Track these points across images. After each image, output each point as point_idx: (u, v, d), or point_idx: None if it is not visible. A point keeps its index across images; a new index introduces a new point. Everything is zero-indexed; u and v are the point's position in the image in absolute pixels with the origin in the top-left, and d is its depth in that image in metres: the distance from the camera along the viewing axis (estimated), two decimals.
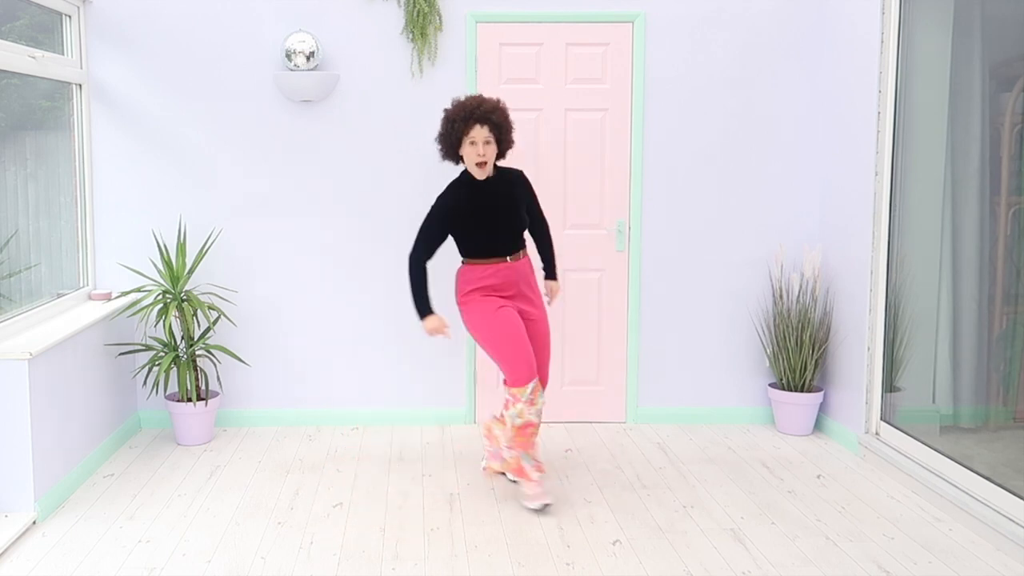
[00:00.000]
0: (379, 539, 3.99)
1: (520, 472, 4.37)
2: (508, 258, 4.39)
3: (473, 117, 4.25)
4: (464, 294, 4.41)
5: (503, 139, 4.36)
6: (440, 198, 4.40)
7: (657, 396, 5.66)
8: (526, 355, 4.25)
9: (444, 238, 4.41)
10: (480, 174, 4.34)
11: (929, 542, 3.96)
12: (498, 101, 4.37)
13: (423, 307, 4.38)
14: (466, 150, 4.30)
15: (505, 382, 4.33)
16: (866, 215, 5.01)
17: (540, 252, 4.70)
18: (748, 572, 3.68)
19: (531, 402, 4.24)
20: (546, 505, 4.27)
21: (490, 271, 4.36)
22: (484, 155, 4.28)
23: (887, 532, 4.06)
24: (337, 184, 5.46)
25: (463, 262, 4.45)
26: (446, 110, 4.36)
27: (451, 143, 4.34)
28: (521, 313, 4.42)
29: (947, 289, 4.67)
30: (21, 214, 4.98)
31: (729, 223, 5.58)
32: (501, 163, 4.53)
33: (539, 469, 4.37)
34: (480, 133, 4.26)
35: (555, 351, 5.59)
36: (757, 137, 5.54)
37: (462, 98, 4.39)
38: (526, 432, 4.31)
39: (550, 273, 4.72)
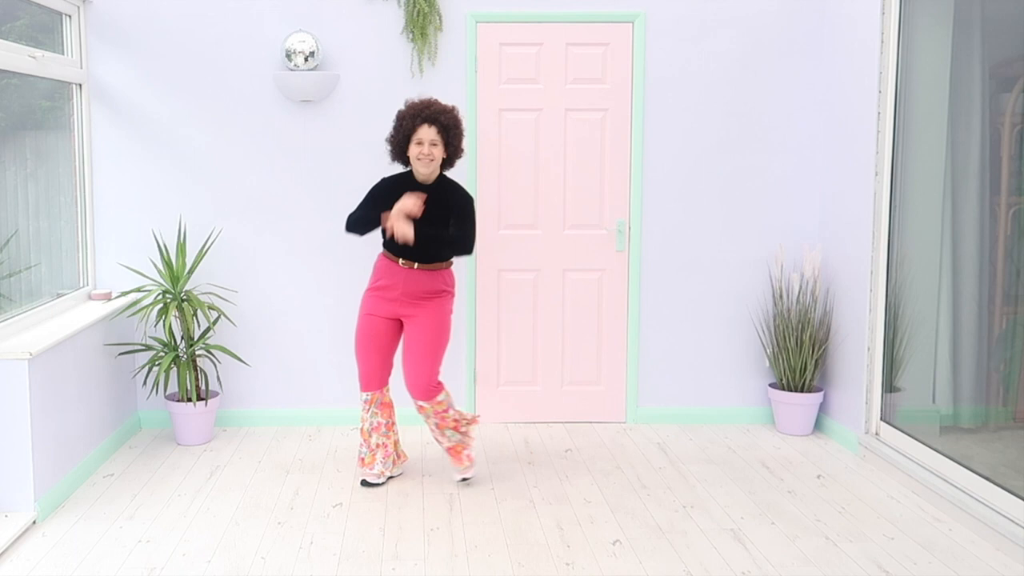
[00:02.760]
0: (379, 539, 3.99)
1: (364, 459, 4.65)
2: (416, 264, 4.39)
3: (422, 116, 4.28)
4: (368, 287, 4.55)
5: (451, 143, 4.37)
6: (381, 179, 4.50)
7: (657, 396, 5.66)
8: (367, 368, 4.52)
9: (373, 212, 4.41)
10: (423, 171, 4.34)
11: (929, 542, 3.96)
12: (452, 107, 4.41)
13: (373, 217, 4.37)
14: (412, 149, 4.31)
15: None
16: (866, 215, 5.01)
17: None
18: (748, 572, 3.68)
19: (365, 409, 4.60)
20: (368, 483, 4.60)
21: (390, 270, 4.41)
22: (430, 154, 4.29)
23: (887, 532, 4.06)
24: (337, 184, 5.46)
25: (381, 251, 4.53)
26: (399, 110, 4.41)
27: (399, 141, 4.36)
28: (403, 317, 4.46)
29: (947, 289, 4.67)
30: (21, 214, 4.98)
31: (729, 223, 5.58)
32: (452, 177, 4.53)
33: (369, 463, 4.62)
34: (427, 133, 4.28)
35: (556, 351, 5.59)
36: (757, 137, 5.54)
37: (415, 99, 4.43)
38: (367, 442, 4.63)
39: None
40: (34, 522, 4.11)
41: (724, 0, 5.45)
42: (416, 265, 4.38)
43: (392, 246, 4.39)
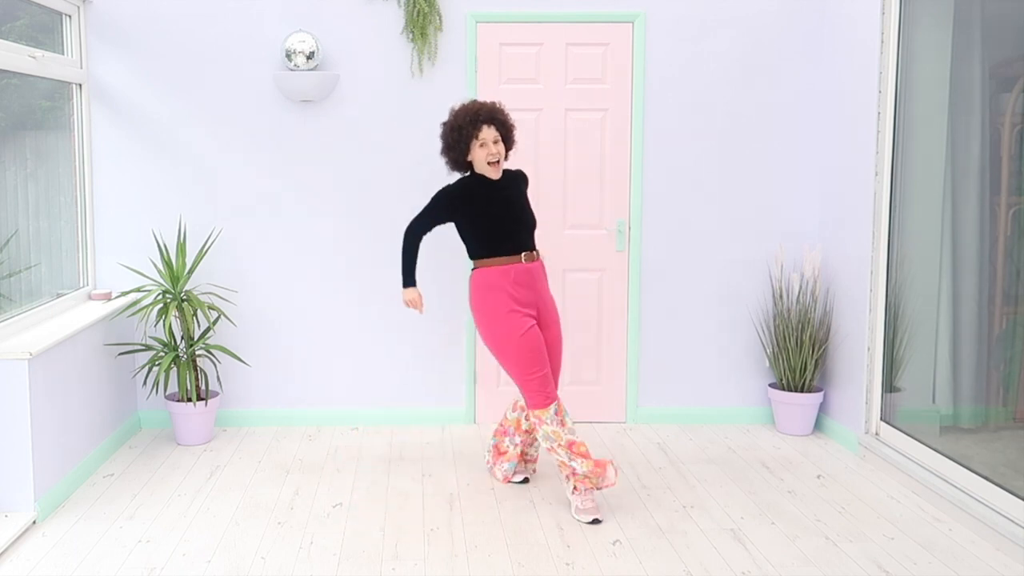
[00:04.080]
0: (379, 539, 3.99)
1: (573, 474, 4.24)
2: (523, 257, 4.33)
3: (479, 118, 4.28)
4: (484, 300, 4.30)
5: (508, 138, 4.39)
6: (449, 186, 4.41)
7: (657, 396, 5.66)
8: (547, 378, 4.25)
9: (445, 220, 4.40)
10: (494, 174, 4.35)
11: (929, 542, 3.96)
12: (496, 103, 4.40)
13: (408, 277, 4.43)
14: (476, 153, 4.30)
15: (527, 405, 4.29)
16: (866, 215, 5.01)
17: None
18: (748, 572, 3.68)
19: (562, 423, 4.23)
20: (596, 520, 4.16)
21: (508, 274, 4.29)
22: (496, 154, 4.30)
23: (887, 532, 4.06)
24: (337, 184, 5.46)
25: (475, 266, 4.36)
26: (446, 123, 4.36)
27: (460, 150, 4.32)
28: (539, 321, 4.38)
29: (947, 289, 4.67)
30: (21, 214, 4.98)
31: (729, 223, 5.58)
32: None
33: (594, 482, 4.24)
34: (489, 133, 4.29)
35: None
36: (757, 137, 5.54)
37: (457, 106, 4.38)
38: (577, 450, 4.20)
39: None
40: (34, 522, 4.11)
41: (724, 0, 5.45)
42: (535, 253, 4.40)
43: (504, 247, 4.30)
